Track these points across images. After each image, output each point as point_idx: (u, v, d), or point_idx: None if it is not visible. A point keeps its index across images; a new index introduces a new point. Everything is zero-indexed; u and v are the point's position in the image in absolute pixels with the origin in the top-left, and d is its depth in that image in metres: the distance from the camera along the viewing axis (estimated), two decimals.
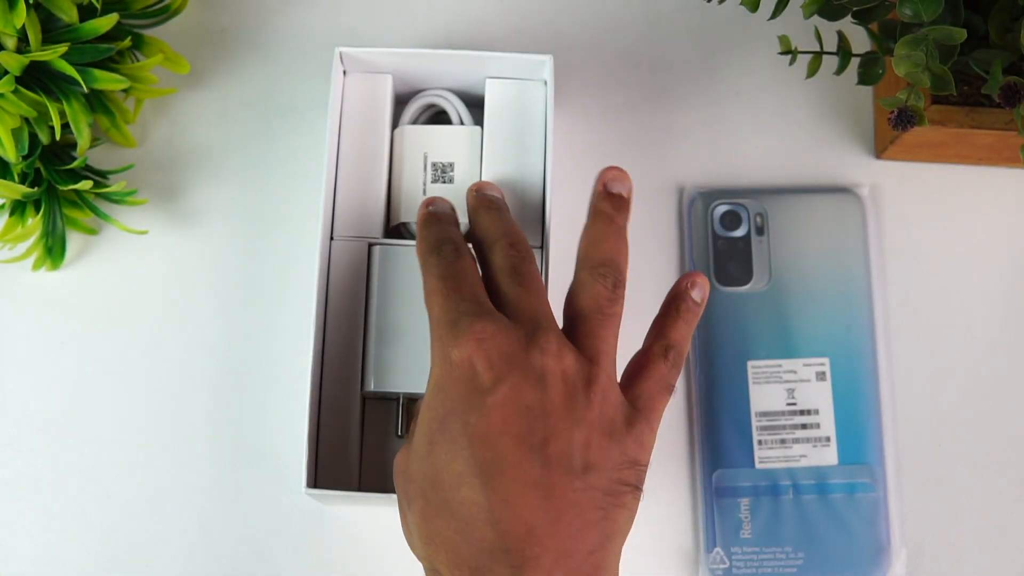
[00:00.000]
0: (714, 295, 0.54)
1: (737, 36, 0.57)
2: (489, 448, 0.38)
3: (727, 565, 0.51)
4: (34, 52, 0.48)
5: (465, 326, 0.40)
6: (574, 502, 0.38)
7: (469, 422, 0.38)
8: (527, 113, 0.51)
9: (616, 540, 0.39)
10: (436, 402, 0.40)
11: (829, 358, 0.53)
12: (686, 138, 0.56)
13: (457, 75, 0.52)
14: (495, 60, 0.50)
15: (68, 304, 0.54)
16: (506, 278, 0.42)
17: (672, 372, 0.43)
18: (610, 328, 0.42)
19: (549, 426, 0.38)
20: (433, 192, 0.51)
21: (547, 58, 0.50)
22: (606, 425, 0.40)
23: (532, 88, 0.52)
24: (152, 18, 0.55)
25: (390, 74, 0.52)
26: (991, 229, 0.56)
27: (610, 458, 0.39)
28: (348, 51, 0.50)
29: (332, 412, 0.49)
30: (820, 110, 0.57)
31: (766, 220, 0.54)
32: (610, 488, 0.39)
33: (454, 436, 0.38)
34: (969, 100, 0.50)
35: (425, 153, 0.51)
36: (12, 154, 0.50)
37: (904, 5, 0.42)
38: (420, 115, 0.53)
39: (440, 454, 0.39)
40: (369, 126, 0.51)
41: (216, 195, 0.55)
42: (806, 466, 0.52)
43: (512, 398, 0.38)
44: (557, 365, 0.39)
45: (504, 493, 0.37)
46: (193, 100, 0.57)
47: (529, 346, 0.40)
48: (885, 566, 0.51)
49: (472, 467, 0.38)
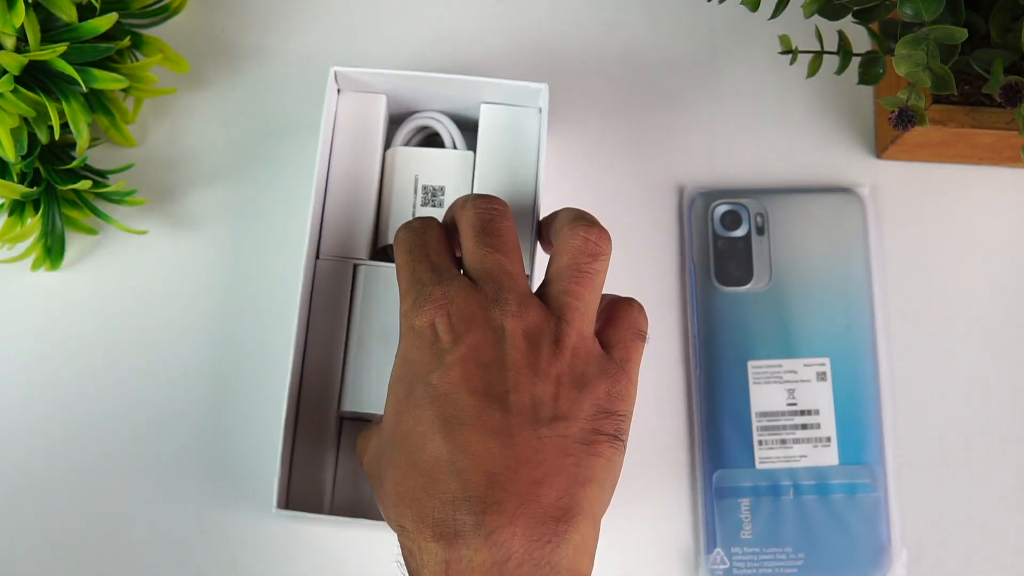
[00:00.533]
0: (714, 295, 0.54)
1: (737, 36, 0.57)
2: (450, 404, 0.38)
3: (727, 565, 0.51)
4: (33, 51, 0.48)
5: (426, 294, 0.40)
6: (537, 449, 0.38)
7: (431, 383, 0.39)
8: (520, 140, 0.51)
9: (591, 487, 0.39)
10: (402, 373, 0.40)
11: (829, 358, 0.53)
12: (686, 138, 0.56)
13: (452, 98, 0.52)
14: (491, 86, 0.50)
15: (67, 304, 0.54)
16: (473, 238, 0.42)
17: (640, 317, 0.44)
18: (585, 284, 0.41)
19: (510, 379, 0.39)
20: (422, 215, 0.50)
21: (543, 86, 0.49)
22: (576, 378, 0.40)
23: (527, 115, 0.51)
24: (152, 17, 0.55)
25: (384, 95, 0.51)
26: (992, 229, 0.55)
27: (582, 408, 0.39)
28: (343, 70, 0.49)
29: (308, 432, 0.48)
30: (821, 110, 0.57)
31: (766, 220, 0.54)
32: (584, 437, 0.39)
33: (418, 400, 0.39)
34: (970, 100, 0.50)
35: (416, 175, 0.51)
36: (11, 154, 0.50)
37: (905, 4, 0.41)
38: (413, 137, 0.53)
39: (407, 419, 0.39)
40: (361, 146, 0.51)
41: (216, 195, 0.55)
42: (806, 466, 0.52)
43: (471, 355, 0.39)
44: (519, 323, 0.40)
45: (464, 443, 0.37)
46: (193, 100, 0.57)
47: (490, 306, 0.40)
48: (885, 566, 0.51)
49: (435, 424, 0.38)
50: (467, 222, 0.43)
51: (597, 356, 0.41)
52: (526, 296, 0.41)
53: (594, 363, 0.41)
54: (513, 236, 0.43)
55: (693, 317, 0.54)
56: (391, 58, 0.57)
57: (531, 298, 0.41)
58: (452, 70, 0.53)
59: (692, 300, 0.54)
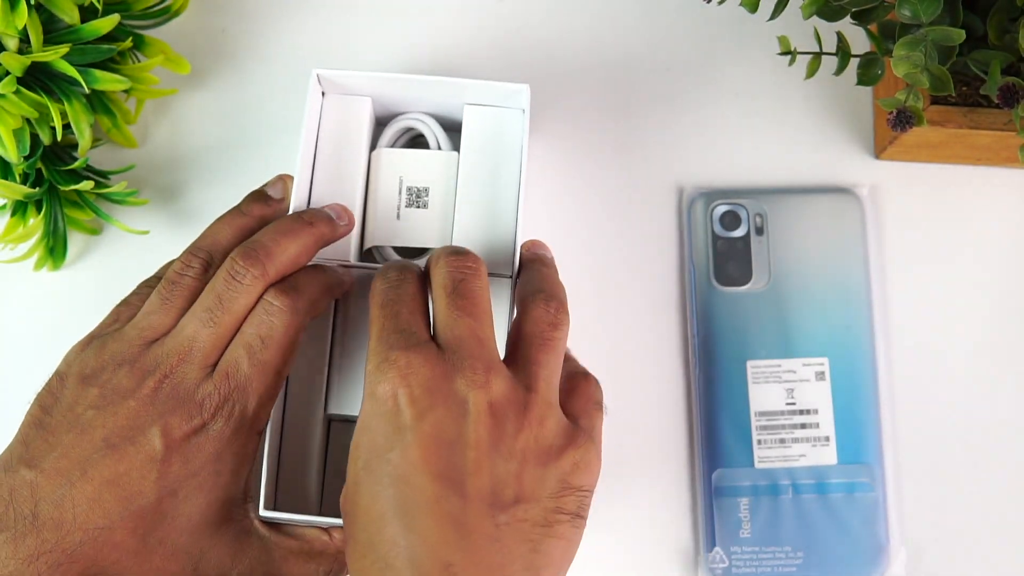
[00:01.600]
0: (714, 295, 0.54)
1: (736, 37, 0.57)
2: (409, 486, 0.37)
3: (727, 564, 0.51)
4: (35, 53, 0.48)
5: (391, 360, 0.39)
6: (495, 537, 0.37)
7: (390, 460, 0.37)
8: (504, 140, 0.51)
9: (547, 571, 0.38)
10: (362, 442, 0.39)
11: (828, 358, 0.53)
12: (686, 138, 0.56)
13: (436, 100, 0.52)
14: (474, 87, 0.50)
15: (69, 304, 0.55)
16: (444, 298, 0.41)
17: (598, 390, 0.43)
18: (550, 352, 0.41)
19: (471, 460, 0.37)
20: (408, 216, 0.50)
21: (524, 87, 0.49)
22: (542, 453, 0.39)
23: (510, 116, 0.51)
24: (153, 19, 0.55)
25: (369, 97, 0.51)
26: (990, 229, 0.56)
27: (545, 487, 0.38)
28: (325, 73, 0.49)
29: (295, 433, 0.48)
30: (819, 111, 0.57)
31: (766, 220, 0.55)
32: (544, 518, 0.38)
33: (378, 477, 0.38)
34: (968, 101, 0.50)
35: (401, 177, 0.51)
36: (13, 154, 0.50)
37: (903, 6, 0.42)
38: (398, 138, 0.53)
39: (364, 495, 0.38)
40: (347, 148, 0.51)
41: (217, 195, 0.55)
42: (805, 466, 0.52)
43: (433, 433, 0.38)
44: (484, 395, 0.38)
45: (422, 532, 0.36)
46: (194, 101, 0.57)
47: (455, 376, 0.38)
48: (884, 565, 0.51)
49: (393, 507, 0.37)
50: (439, 281, 0.41)
51: (564, 426, 0.40)
52: (493, 364, 0.39)
53: (561, 433, 0.40)
54: (485, 297, 0.41)
55: (692, 317, 0.54)
56: (391, 60, 0.57)
57: (498, 366, 0.39)
58: (449, 72, 0.53)
59: (692, 300, 0.54)
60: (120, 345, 0.42)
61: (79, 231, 0.54)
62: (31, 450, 0.40)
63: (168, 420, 0.40)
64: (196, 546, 0.41)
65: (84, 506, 0.39)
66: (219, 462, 0.41)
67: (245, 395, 0.42)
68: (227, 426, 0.41)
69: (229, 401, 0.41)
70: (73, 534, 0.39)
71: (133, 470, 0.40)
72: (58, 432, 0.40)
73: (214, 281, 0.43)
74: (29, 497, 0.39)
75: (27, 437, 0.41)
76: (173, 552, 0.41)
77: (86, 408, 0.41)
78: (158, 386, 0.41)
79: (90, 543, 0.39)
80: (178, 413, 0.41)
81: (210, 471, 0.41)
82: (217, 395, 0.41)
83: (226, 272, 0.42)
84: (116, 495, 0.40)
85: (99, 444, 0.40)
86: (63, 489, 0.39)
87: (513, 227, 0.49)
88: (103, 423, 0.40)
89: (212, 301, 0.42)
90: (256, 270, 0.42)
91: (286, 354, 0.43)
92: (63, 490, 0.39)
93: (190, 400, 0.41)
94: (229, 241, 0.45)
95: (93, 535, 0.39)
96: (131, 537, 0.40)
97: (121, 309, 0.45)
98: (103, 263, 0.55)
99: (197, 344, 0.42)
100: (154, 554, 0.40)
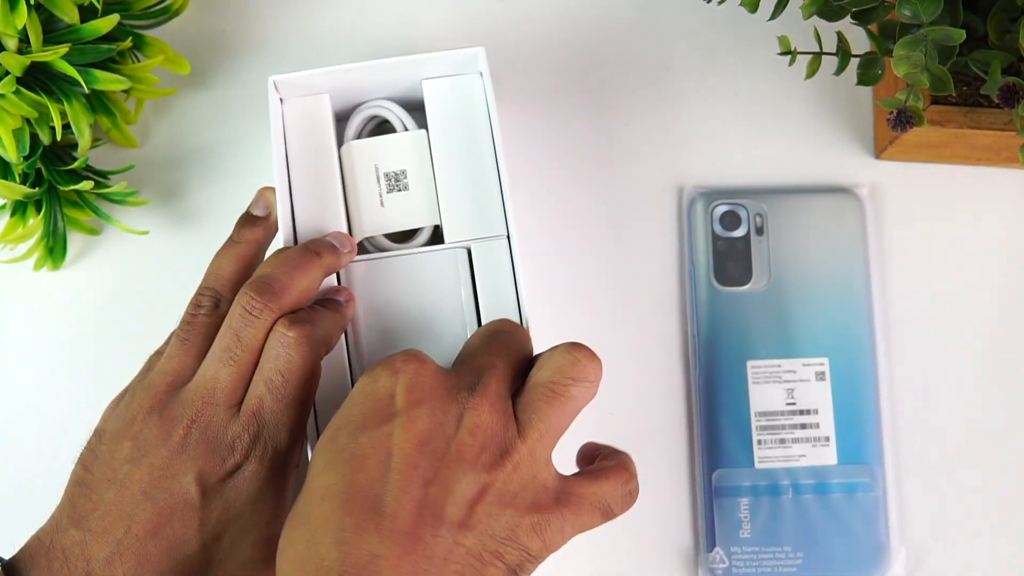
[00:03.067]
0: (714, 295, 0.54)
1: (736, 37, 0.57)
2: (365, 472, 0.37)
3: (727, 565, 0.51)
4: (35, 53, 0.48)
5: (407, 357, 0.39)
6: (429, 548, 0.36)
7: (358, 439, 0.37)
8: (469, 106, 0.50)
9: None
10: (339, 414, 0.39)
11: (828, 358, 0.53)
12: (686, 138, 0.56)
13: (395, 83, 0.51)
14: (429, 61, 0.50)
15: (69, 304, 0.55)
16: (480, 335, 0.42)
17: (624, 501, 0.41)
18: (556, 407, 0.39)
19: (438, 469, 0.37)
20: (391, 202, 0.50)
21: (479, 50, 0.49)
22: (506, 496, 0.38)
23: (470, 82, 0.51)
24: (153, 19, 0.55)
25: (327, 93, 0.51)
26: (990, 229, 0.56)
27: (494, 526, 0.37)
28: (281, 78, 0.49)
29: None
30: (819, 111, 0.57)
31: (766, 220, 0.55)
32: (480, 555, 0.37)
33: (338, 449, 0.37)
34: (968, 101, 0.50)
35: (376, 165, 0.51)
36: (13, 154, 0.50)
37: (903, 6, 0.42)
38: (364, 128, 0.53)
39: (319, 463, 0.38)
40: (315, 148, 0.50)
41: (217, 195, 0.55)
42: (806, 466, 0.52)
43: (413, 427, 0.37)
44: (475, 418, 0.38)
45: (360, 518, 0.36)
46: (194, 101, 0.57)
47: (458, 392, 0.39)
48: (884, 566, 0.51)
49: (340, 484, 0.36)
50: (482, 331, 0.43)
51: (540, 485, 0.39)
52: (501, 400, 0.39)
53: (533, 491, 0.38)
54: (515, 350, 0.42)
55: (693, 317, 0.54)
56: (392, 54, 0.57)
57: (502, 402, 0.39)
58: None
59: (692, 300, 0.54)
60: (147, 394, 0.42)
61: (79, 231, 0.54)
62: (77, 509, 0.40)
63: (202, 466, 0.40)
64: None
65: (132, 562, 0.39)
66: (259, 502, 0.41)
67: (275, 432, 0.41)
68: (261, 465, 0.41)
69: (260, 439, 0.41)
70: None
71: (175, 520, 0.40)
72: (100, 489, 0.41)
73: (229, 318, 0.43)
74: (81, 556, 0.39)
75: (73, 496, 0.41)
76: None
77: (122, 463, 0.41)
78: (187, 432, 0.41)
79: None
80: (211, 458, 0.41)
81: (251, 511, 0.41)
82: (247, 435, 0.41)
83: (240, 308, 0.42)
84: (161, 547, 0.40)
85: (139, 498, 0.40)
86: (111, 547, 0.39)
87: (497, 186, 0.49)
88: (139, 476, 0.40)
89: (230, 339, 0.42)
90: (272, 304, 0.42)
91: (307, 385, 0.42)
92: (111, 548, 0.39)
93: (220, 444, 0.41)
94: (232, 273, 0.45)
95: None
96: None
97: (153, 359, 0.45)
98: (103, 263, 0.55)
99: (219, 385, 0.42)
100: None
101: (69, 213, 0.53)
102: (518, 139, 0.56)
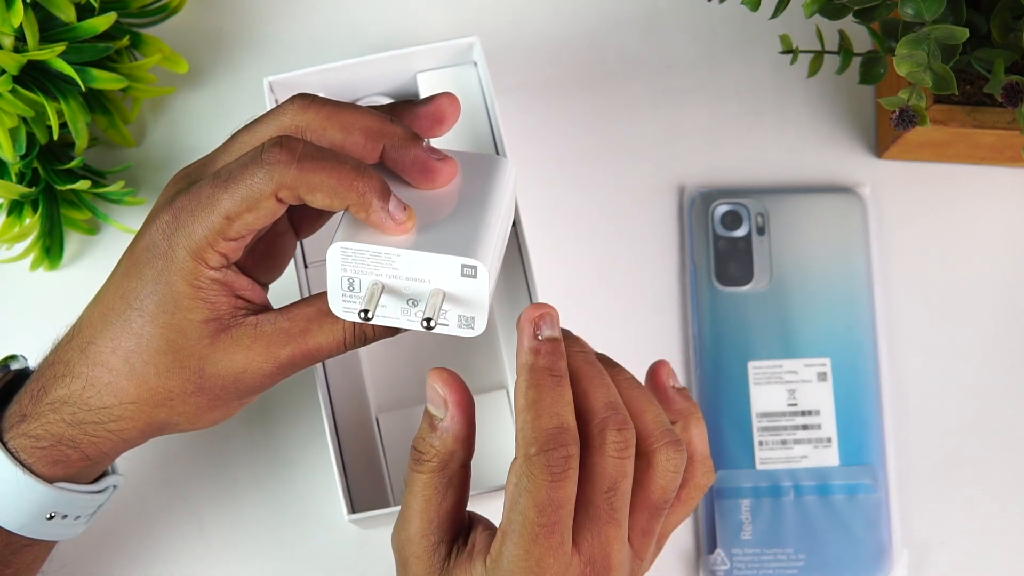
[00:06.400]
0: (715, 295, 0.54)
1: (738, 35, 0.57)
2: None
3: (728, 566, 0.51)
4: (32, 51, 0.48)
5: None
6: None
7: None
8: (465, 97, 0.50)
9: None
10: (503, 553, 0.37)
11: (830, 358, 0.53)
12: (687, 138, 0.56)
13: (389, 77, 0.51)
14: (423, 54, 0.49)
15: (66, 304, 0.54)
16: (596, 502, 0.38)
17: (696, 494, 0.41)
18: (670, 523, 0.40)
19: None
20: None
21: (473, 39, 0.49)
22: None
23: (465, 73, 0.51)
24: (150, 17, 0.55)
25: (322, 92, 0.50)
26: (993, 229, 0.55)
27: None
28: (277, 79, 0.49)
29: (350, 438, 0.49)
30: (821, 109, 0.56)
31: (767, 220, 0.54)
32: None
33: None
34: (971, 99, 0.50)
35: None
36: (10, 154, 0.50)
37: (906, 4, 0.41)
38: None
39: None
40: None
41: None
42: (807, 467, 0.52)
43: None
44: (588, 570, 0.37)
45: None
46: (191, 99, 0.57)
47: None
48: (887, 567, 0.51)
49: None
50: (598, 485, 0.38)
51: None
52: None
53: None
54: (627, 503, 0.39)
55: (693, 317, 0.54)
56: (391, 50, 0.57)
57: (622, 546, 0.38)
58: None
59: (692, 300, 0.54)
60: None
61: (76, 231, 0.54)
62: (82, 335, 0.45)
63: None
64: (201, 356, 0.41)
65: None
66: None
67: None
68: None
69: None
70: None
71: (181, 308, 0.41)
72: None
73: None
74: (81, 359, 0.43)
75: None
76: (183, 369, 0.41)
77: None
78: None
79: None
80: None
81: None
82: None
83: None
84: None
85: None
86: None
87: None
88: None
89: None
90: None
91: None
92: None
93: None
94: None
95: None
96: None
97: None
98: (100, 263, 0.55)
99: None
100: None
101: (66, 213, 0.53)
102: (516, 138, 0.55)
